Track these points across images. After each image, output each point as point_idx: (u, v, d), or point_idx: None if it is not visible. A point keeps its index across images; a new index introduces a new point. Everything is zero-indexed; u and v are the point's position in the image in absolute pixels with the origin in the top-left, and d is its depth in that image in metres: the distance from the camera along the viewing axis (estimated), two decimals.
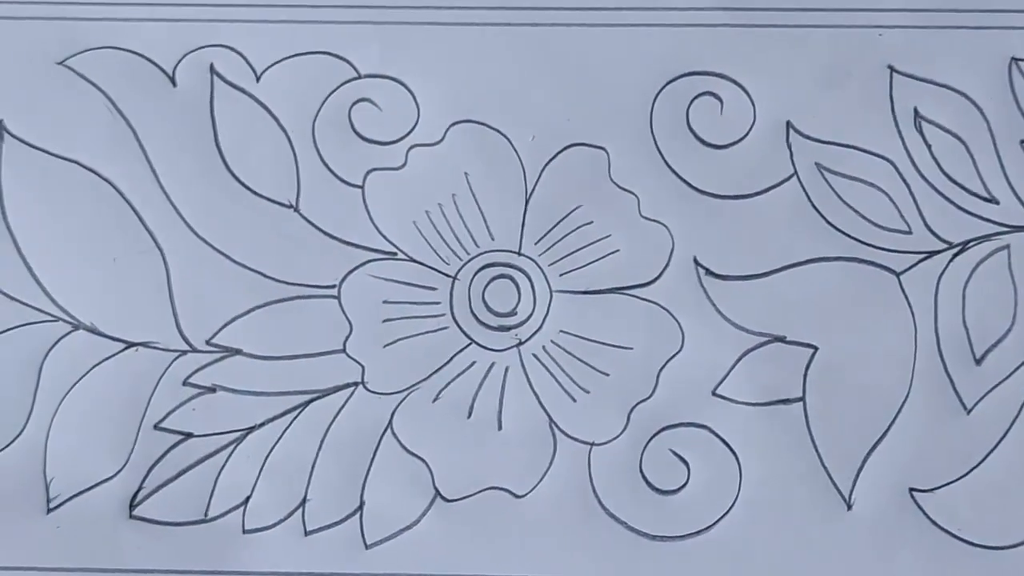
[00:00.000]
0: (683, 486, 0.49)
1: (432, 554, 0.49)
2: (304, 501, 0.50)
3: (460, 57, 0.51)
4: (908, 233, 0.50)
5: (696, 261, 0.50)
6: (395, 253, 0.51)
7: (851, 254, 0.50)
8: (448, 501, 0.49)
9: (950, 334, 0.50)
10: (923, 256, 0.50)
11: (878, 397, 0.49)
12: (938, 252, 0.50)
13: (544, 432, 0.50)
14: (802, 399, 0.49)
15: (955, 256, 0.50)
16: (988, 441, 0.49)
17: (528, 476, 0.50)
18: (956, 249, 0.50)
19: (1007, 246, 0.50)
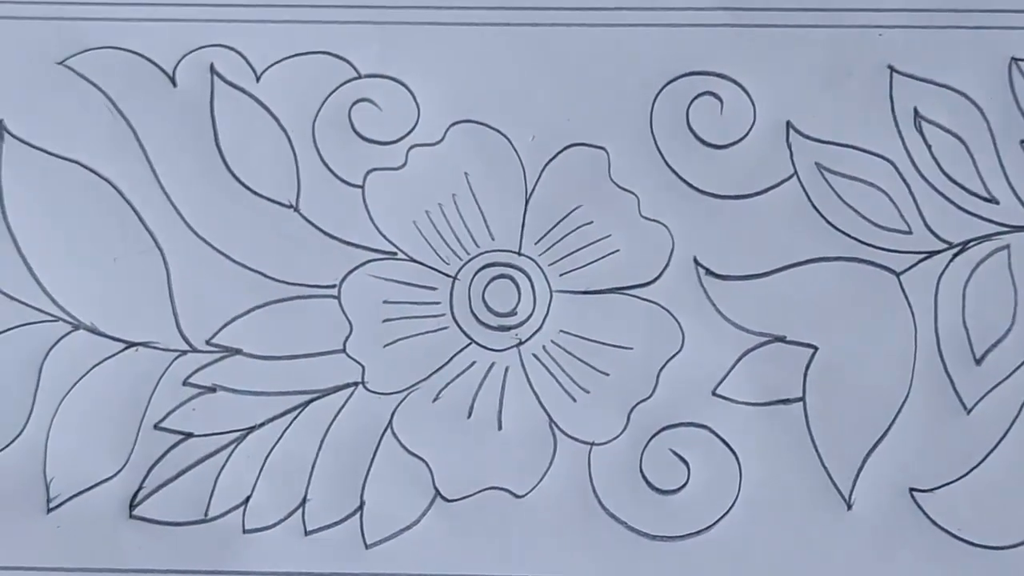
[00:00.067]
0: (683, 486, 0.49)
1: (432, 554, 0.49)
2: (304, 501, 0.50)
3: (460, 57, 0.51)
4: (908, 233, 0.50)
5: (696, 261, 0.50)
6: (395, 253, 0.51)
7: (851, 254, 0.50)
8: (448, 501, 0.49)
9: (950, 334, 0.50)
10: (923, 256, 0.50)
11: (878, 397, 0.49)
12: (938, 252, 0.50)
13: (544, 432, 0.50)
14: (802, 399, 0.49)
15: (955, 256, 0.50)
16: (988, 441, 0.49)
17: (528, 476, 0.50)
18: (956, 249, 0.50)
19: (1007, 246, 0.50)
